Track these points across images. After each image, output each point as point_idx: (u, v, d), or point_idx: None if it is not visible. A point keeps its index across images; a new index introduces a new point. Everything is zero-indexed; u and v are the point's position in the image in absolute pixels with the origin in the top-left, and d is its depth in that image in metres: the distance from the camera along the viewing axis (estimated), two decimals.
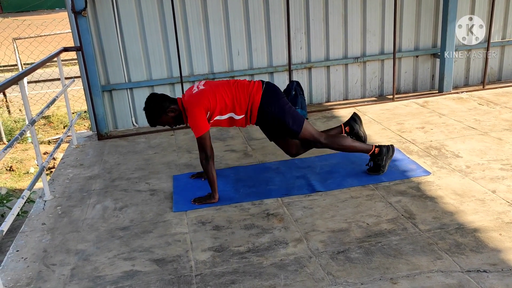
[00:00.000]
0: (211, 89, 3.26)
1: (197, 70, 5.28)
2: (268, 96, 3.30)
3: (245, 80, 3.41)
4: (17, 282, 2.53)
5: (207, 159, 3.22)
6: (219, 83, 3.36)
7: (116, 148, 4.66)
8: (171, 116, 3.29)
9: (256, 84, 3.33)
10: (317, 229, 2.84)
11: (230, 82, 3.36)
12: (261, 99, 3.28)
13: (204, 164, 3.24)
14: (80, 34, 4.66)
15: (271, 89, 3.36)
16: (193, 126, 3.19)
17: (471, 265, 2.39)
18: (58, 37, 9.87)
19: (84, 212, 3.31)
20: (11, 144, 2.90)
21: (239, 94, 3.27)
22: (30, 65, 3.76)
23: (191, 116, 3.18)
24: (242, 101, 3.28)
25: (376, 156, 3.51)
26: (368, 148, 3.52)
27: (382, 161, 3.50)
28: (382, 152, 3.50)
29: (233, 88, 3.29)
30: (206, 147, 3.21)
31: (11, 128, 7.90)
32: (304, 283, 2.35)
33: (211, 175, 3.25)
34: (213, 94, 3.23)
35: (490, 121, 4.58)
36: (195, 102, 3.19)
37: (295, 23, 5.36)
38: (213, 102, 3.22)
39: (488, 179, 3.34)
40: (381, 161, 3.50)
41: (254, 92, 3.28)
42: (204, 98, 3.20)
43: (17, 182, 6.30)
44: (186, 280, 2.44)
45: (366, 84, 5.85)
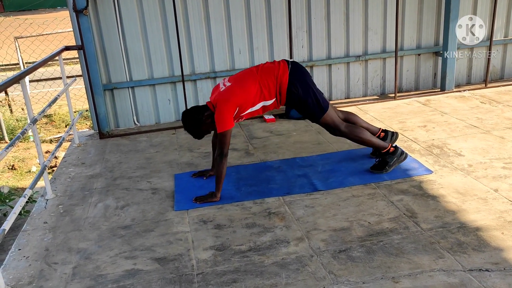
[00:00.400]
0: (238, 83, 3.26)
1: (198, 68, 5.27)
2: (294, 77, 3.29)
3: (268, 62, 3.39)
4: (19, 281, 2.53)
5: (221, 156, 3.22)
6: (244, 75, 3.34)
7: (118, 147, 4.67)
8: (209, 122, 3.29)
9: (282, 65, 3.31)
10: (318, 228, 2.84)
11: (254, 70, 3.34)
12: (288, 79, 3.27)
13: (218, 160, 3.23)
14: (81, 33, 4.66)
15: (298, 69, 3.34)
16: (218, 120, 3.19)
17: (473, 264, 2.38)
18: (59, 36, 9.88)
19: (85, 210, 3.32)
20: (13, 143, 2.90)
21: (267, 80, 3.27)
22: (31, 64, 3.76)
23: (219, 112, 3.19)
24: (271, 85, 3.27)
25: (389, 153, 3.50)
26: (384, 145, 3.52)
27: (391, 161, 3.49)
28: (396, 153, 3.50)
29: (259, 76, 3.28)
30: (225, 144, 3.21)
31: (13, 127, 7.91)
32: (306, 282, 2.35)
33: (220, 172, 3.24)
34: (241, 89, 3.23)
35: (493, 119, 4.56)
36: (225, 99, 3.20)
37: (296, 21, 5.35)
38: (243, 97, 3.22)
39: (490, 177, 3.33)
40: (390, 159, 3.48)
41: (281, 73, 3.27)
42: (233, 95, 3.21)
43: (19, 181, 6.31)
44: (187, 279, 2.44)
45: (368, 82, 5.84)
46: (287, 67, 3.30)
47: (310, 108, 3.36)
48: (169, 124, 5.28)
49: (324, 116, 3.38)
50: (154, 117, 5.36)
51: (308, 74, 3.41)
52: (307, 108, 3.36)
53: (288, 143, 4.35)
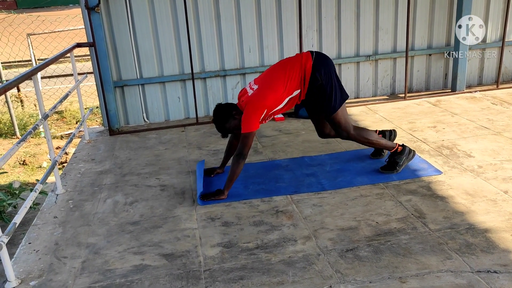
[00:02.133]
0: (266, 85, 3.24)
1: (208, 66, 5.29)
2: (318, 63, 3.25)
3: (292, 57, 3.35)
4: (29, 274, 2.57)
5: (240, 156, 3.22)
6: (269, 74, 3.31)
7: (127, 143, 4.70)
8: (236, 122, 3.29)
9: (305, 54, 3.29)
10: (326, 227, 2.84)
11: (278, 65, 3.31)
12: (312, 65, 3.23)
13: (235, 159, 3.24)
14: (93, 30, 4.70)
15: (322, 57, 3.31)
16: (244, 121, 3.20)
17: (481, 266, 2.36)
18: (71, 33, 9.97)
19: (95, 206, 3.35)
20: (25, 138, 2.94)
21: (292, 70, 3.23)
22: (43, 61, 3.80)
23: (247, 113, 3.19)
24: (296, 75, 3.23)
25: (397, 153, 3.50)
26: (392, 145, 3.52)
27: (401, 161, 3.48)
28: (404, 152, 3.49)
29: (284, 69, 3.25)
30: (246, 145, 3.21)
31: (24, 122, 8.01)
32: (312, 280, 2.35)
33: (234, 172, 3.24)
34: (270, 90, 3.21)
35: (504, 121, 4.52)
36: (255, 102, 3.19)
37: (307, 20, 5.34)
38: (272, 98, 3.21)
39: (500, 179, 3.30)
40: (399, 159, 3.48)
41: (305, 61, 3.24)
42: (263, 98, 3.19)
43: (30, 176, 6.39)
44: (194, 275, 2.46)
45: (377, 82, 5.81)
46: (310, 55, 3.28)
47: (327, 97, 3.28)
48: (179, 122, 5.31)
49: (338, 112, 3.31)
50: (164, 115, 5.39)
51: (333, 64, 3.35)
52: (325, 97, 3.28)
53: (297, 142, 4.35)
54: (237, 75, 5.38)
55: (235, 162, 3.24)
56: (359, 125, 4.67)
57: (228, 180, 3.28)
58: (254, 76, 5.41)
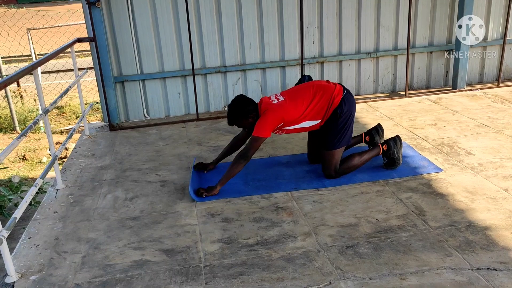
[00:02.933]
0: (291, 101, 3.27)
1: (209, 63, 5.28)
2: (345, 102, 3.29)
3: (324, 83, 3.38)
4: (29, 268, 2.57)
5: (243, 157, 3.22)
6: (299, 92, 3.33)
7: (128, 139, 4.70)
8: (250, 121, 3.32)
9: (338, 87, 3.34)
10: (326, 224, 2.84)
11: (310, 89, 3.32)
12: (340, 101, 3.27)
13: (237, 158, 3.24)
14: (93, 25, 4.69)
15: (351, 97, 3.36)
16: (259, 125, 3.21)
17: (481, 263, 2.37)
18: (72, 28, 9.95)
19: (95, 201, 3.35)
20: (25, 132, 2.93)
21: (321, 100, 3.28)
22: (44, 56, 3.79)
23: (264, 118, 3.21)
24: (324, 106, 3.28)
25: (386, 152, 3.52)
26: (377, 151, 3.54)
27: (395, 154, 3.50)
28: (391, 147, 3.51)
29: (314, 96, 3.28)
30: (253, 148, 3.22)
31: (24, 117, 8.00)
32: (312, 276, 2.35)
33: (233, 171, 3.24)
34: (293, 107, 3.25)
35: (504, 119, 4.52)
36: (275, 110, 3.22)
37: (308, 17, 5.33)
38: (292, 115, 3.24)
39: (500, 177, 3.31)
40: (393, 154, 3.50)
41: (336, 94, 3.29)
42: (283, 110, 3.23)
43: (30, 171, 6.38)
44: (194, 271, 2.46)
45: (378, 79, 5.80)
46: (342, 90, 3.33)
47: (334, 134, 3.33)
48: (179, 118, 5.30)
49: (335, 151, 3.35)
50: (164, 110, 5.38)
51: (355, 106, 3.40)
52: (332, 132, 3.33)
53: (297, 138, 4.35)
54: (238, 72, 5.37)
55: (236, 161, 3.24)
56: (358, 124, 4.68)
57: (224, 177, 3.28)
58: (254, 72, 5.41)
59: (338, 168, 3.42)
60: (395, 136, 3.59)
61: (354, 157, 3.48)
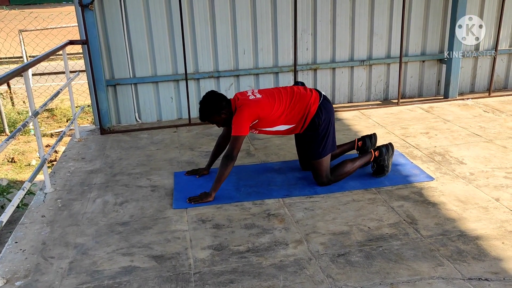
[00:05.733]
0: (267, 99, 3.27)
1: (202, 67, 5.26)
2: (322, 110, 3.30)
3: (302, 89, 3.38)
4: (15, 274, 2.51)
5: (229, 158, 3.20)
6: (276, 93, 3.34)
7: (119, 143, 4.65)
8: (223, 117, 3.31)
9: (314, 94, 3.34)
10: (317, 231, 2.82)
11: (288, 93, 3.32)
12: (317, 109, 3.29)
13: (224, 160, 3.22)
14: (86, 28, 4.65)
15: (328, 104, 3.37)
16: (235, 123, 3.19)
17: (472, 273, 2.36)
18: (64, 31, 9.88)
19: (84, 206, 3.30)
20: (14, 135, 2.88)
21: (296, 106, 3.28)
22: (35, 57, 3.75)
23: (239, 116, 3.19)
24: (298, 112, 3.29)
25: (377, 158, 3.51)
26: (369, 157, 3.54)
27: (385, 161, 3.50)
28: (383, 153, 3.51)
29: (290, 101, 3.28)
30: (235, 148, 3.20)
31: (14, 119, 7.90)
32: (303, 285, 2.33)
33: (222, 174, 3.21)
34: (269, 105, 3.24)
35: (495, 128, 4.55)
36: (250, 107, 3.20)
37: (302, 24, 5.34)
38: (267, 112, 3.23)
39: (492, 186, 3.31)
40: (383, 161, 3.50)
41: (312, 102, 3.29)
42: (259, 107, 3.21)
43: (18, 174, 6.29)
44: (184, 277, 2.43)
45: (371, 87, 5.82)
46: (318, 98, 3.33)
47: (318, 143, 3.33)
48: (171, 122, 5.27)
49: (322, 160, 3.36)
50: (156, 115, 5.34)
51: (333, 112, 3.42)
52: (315, 142, 3.34)
53: (290, 145, 4.33)
54: (231, 77, 5.35)
55: (223, 164, 3.21)
56: (350, 131, 4.68)
57: (215, 182, 3.25)
58: (248, 78, 5.40)
59: (329, 175, 3.41)
60: (388, 143, 3.59)
61: (347, 163, 3.47)
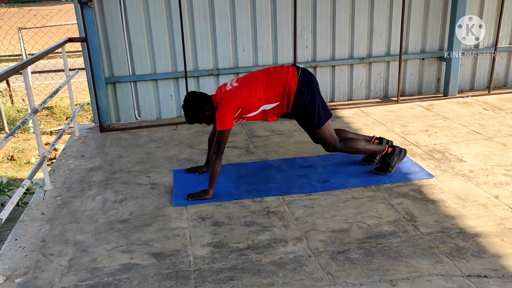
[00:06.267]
0: (244, 85, 3.27)
1: (201, 65, 5.26)
2: (303, 82, 3.29)
3: (278, 67, 3.37)
4: (15, 271, 2.51)
5: (217, 153, 3.21)
6: (252, 77, 3.34)
7: (118, 140, 4.65)
8: (207, 115, 3.32)
9: (291, 70, 3.31)
10: (317, 229, 2.82)
11: (263, 73, 3.33)
12: (297, 84, 3.27)
13: (214, 158, 3.22)
14: (85, 25, 4.64)
15: (307, 76, 3.34)
16: (219, 118, 3.20)
17: (471, 270, 2.36)
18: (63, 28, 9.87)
19: (84, 203, 3.30)
20: (13, 132, 2.88)
21: (275, 84, 3.27)
22: (34, 55, 3.74)
23: (221, 110, 3.20)
24: (278, 90, 3.27)
25: (388, 155, 3.50)
26: (382, 148, 3.52)
27: (393, 161, 3.49)
28: (395, 152, 3.50)
29: (268, 80, 3.28)
30: (222, 142, 3.21)
31: (13, 117, 7.90)
32: (303, 282, 2.33)
33: (215, 170, 3.22)
34: (247, 91, 3.24)
35: (495, 126, 4.55)
36: (229, 98, 3.21)
37: (301, 21, 5.33)
38: (247, 99, 3.23)
39: (491, 184, 3.32)
40: (391, 160, 3.49)
41: (290, 78, 3.27)
42: (238, 95, 3.22)
43: (18, 172, 6.29)
44: (184, 275, 2.43)
45: (371, 85, 5.82)
46: (296, 72, 3.31)
47: (310, 116, 3.34)
48: (170, 120, 5.26)
49: (322, 128, 3.37)
50: (156, 112, 5.34)
51: (316, 82, 3.41)
52: (308, 116, 3.35)
53: (289, 142, 4.34)
54: (231, 74, 5.35)
55: (213, 160, 3.22)
56: (350, 129, 4.69)
57: (210, 180, 3.26)
58: None
59: (337, 141, 3.41)
60: (403, 148, 3.58)
61: (361, 141, 3.50)
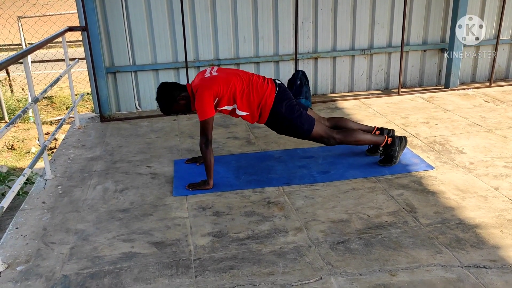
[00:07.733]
0: (224, 76, 3.24)
1: (202, 55, 5.24)
2: (280, 99, 3.31)
3: (260, 79, 3.36)
4: (16, 259, 2.53)
5: (206, 144, 3.21)
6: (233, 72, 3.33)
7: (119, 130, 4.65)
8: (182, 104, 3.30)
9: (270, 86, 3.32)
10: (317, 219, 2.83)
11: (245, 77, 3.32)
12: (274, 101, 3.29)
13: (204, 148, 3.22)
14: (86, 14, 4.62)
15: (283, 92, 3.36)
16: (199, 108, 3.18)
17: (471, 261, 2.38)
18: (63, 18, 9.80)
19: (84, 192, 3.31)
20: (14, 121, 2.88)
21: (252, 93, 3.27)
22: (33, 44, 3.72)
23: (199, 99, 3.16)
24: (251, 100, 3.27)
25: (389, 146, 3.50)
26: (381, 139, 3.51)
27: (395, 152, 3.48)
28: (395, 143, 3.49)
29: (247, 86, 3.27)
30: (207, 132, 3.20)
31: (13, 107, 7.88)
32: (303, 271, 2.34)
33: (208, 160, 3.22)
34: (226, 82, 3.21)
35: (496, 118, 4.54)
36: (206, 86, 3.17)
37: (303, 12, 5.30)
38: (224, 90, 3.20)
39: (491, 176, 3.32)
40: (394, 152, 3.48)
41: (268, 94, 3.28)
42: (215, 84, 3.18)
43: (18, 161, 6.30)
44: (184, 264, 2.44)
45: (372, 76, 5.80)
46: (274, 89, 3.32)
47: (296, 126, 3.36)
48: None
49: (312, 133, 3.39)
50: (156, 102, 5.31)
51: (291, 94, 3.43)
52: (292, 126, 3.37)
53: None
54: (232, 65, 5.33)
55: (204, 152, 3.22)
56: (349, 116, 4.68)
57: (207, 171, 3.26)
58: (248, 66, 5.37)
59: (332, 136, 3.41)
60: (402, 136, 3.57)
61: (359, 132, 3.50)
